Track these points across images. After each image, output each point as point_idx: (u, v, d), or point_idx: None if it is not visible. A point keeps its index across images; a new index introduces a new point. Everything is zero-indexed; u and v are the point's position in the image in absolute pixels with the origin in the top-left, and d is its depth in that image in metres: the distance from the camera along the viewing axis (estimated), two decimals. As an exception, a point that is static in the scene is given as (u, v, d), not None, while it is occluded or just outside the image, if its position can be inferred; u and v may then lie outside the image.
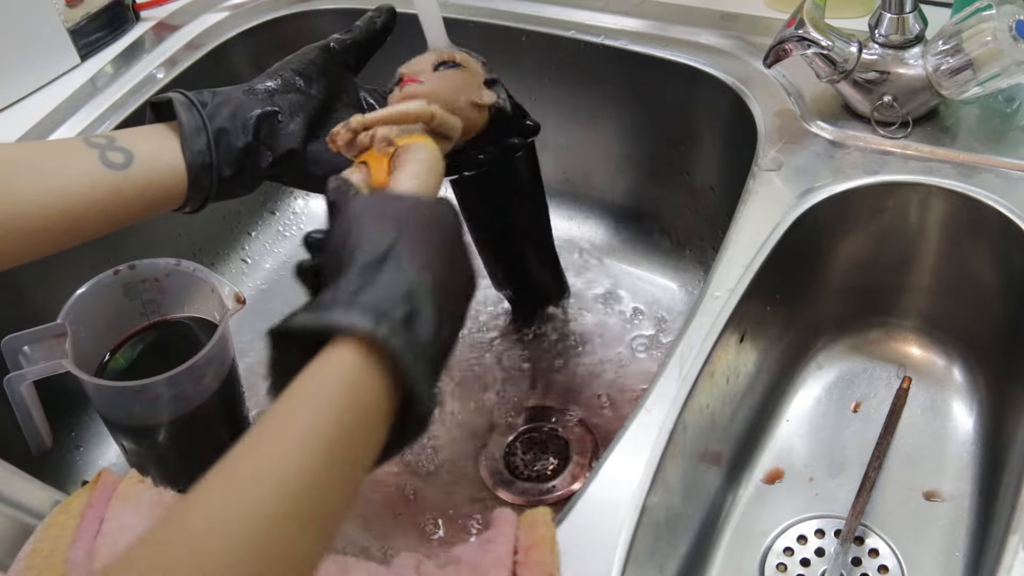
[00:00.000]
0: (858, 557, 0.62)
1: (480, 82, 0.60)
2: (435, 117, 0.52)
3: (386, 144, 0.49)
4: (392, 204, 0.44)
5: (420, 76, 0.58)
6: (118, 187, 0.49)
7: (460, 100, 0.57)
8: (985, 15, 0.63)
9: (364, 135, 0.50)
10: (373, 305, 0.37)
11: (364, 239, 0.41)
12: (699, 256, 0.88)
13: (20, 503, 0.53)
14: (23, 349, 0.66)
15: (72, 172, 0.48)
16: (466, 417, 0.79)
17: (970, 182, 0.65)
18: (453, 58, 0.59)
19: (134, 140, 0.51)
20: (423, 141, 0.51)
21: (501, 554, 0.46)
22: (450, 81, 0.58)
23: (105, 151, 0.50)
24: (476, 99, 0.58)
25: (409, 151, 0.49)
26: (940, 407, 0.70)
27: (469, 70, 0.59)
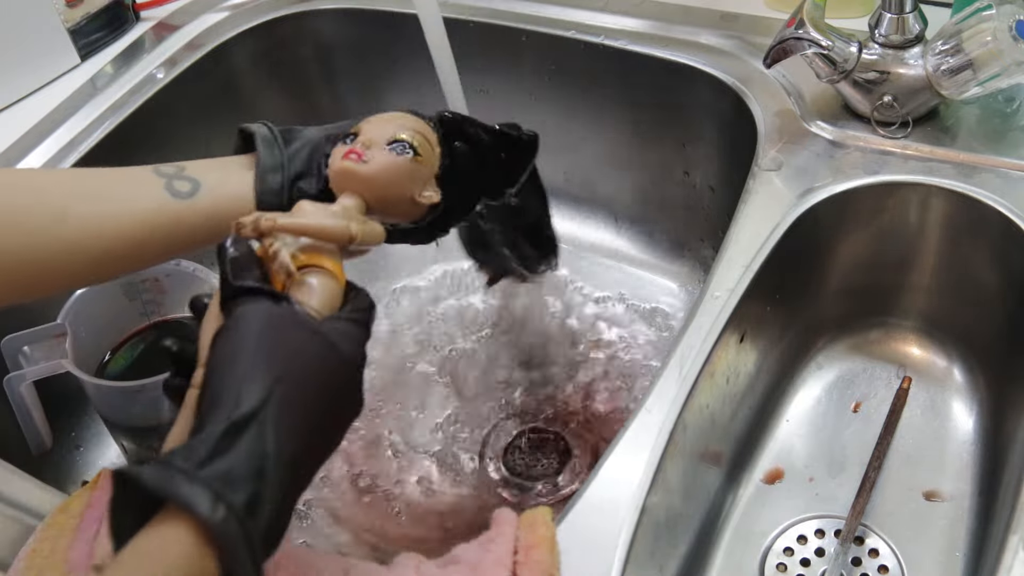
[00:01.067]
0: (858, 557, 0.62)
1: (431, 175, 0.53)
2: (354, 240, 0.46)
3: (284, 271, 0.43)
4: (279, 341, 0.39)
5: (368, 150, 0.50)
6: (182, 216, 0.49)
7: (397, 193, 0.51)
8: (985, 15, 0.63)
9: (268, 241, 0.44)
10: (220, 478, 0.35)
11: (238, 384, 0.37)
12: (699, 256, 0.88)
13: (20, 503, 0.53)
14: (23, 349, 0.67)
15: (138, 200, 0.48)
16: (466, 417, 0.79)
17: (970, 182, 0.65)
18: (411, 141, 0.51)
19: (203, 170, 0.51)
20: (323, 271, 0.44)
21: (501, 554, 0.46)
22: (395, 169, 0.50)
23: (172, 180, 0.49)
24: (417, 197, 0.52)
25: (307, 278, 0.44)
26: (940, 407, 0.70)
27: (423, 160, 0.52)
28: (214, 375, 0.39)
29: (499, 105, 0.91)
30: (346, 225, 0.46)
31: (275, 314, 0.41)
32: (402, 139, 0.51)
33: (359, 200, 0.50)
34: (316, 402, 0.40)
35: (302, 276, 0.44)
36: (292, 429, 0.38)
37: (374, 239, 0.49)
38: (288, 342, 0.40)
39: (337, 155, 0.51)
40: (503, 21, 0.87)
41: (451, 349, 0.84)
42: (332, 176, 0.51)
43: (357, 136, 0.51)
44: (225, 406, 0.37)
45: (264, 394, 0.37)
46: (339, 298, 0.44)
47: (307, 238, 0.45)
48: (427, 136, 0.53)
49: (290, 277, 0.43)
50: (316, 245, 0.45)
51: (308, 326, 0.41)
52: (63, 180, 0.50)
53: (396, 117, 0.53)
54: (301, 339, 0.40)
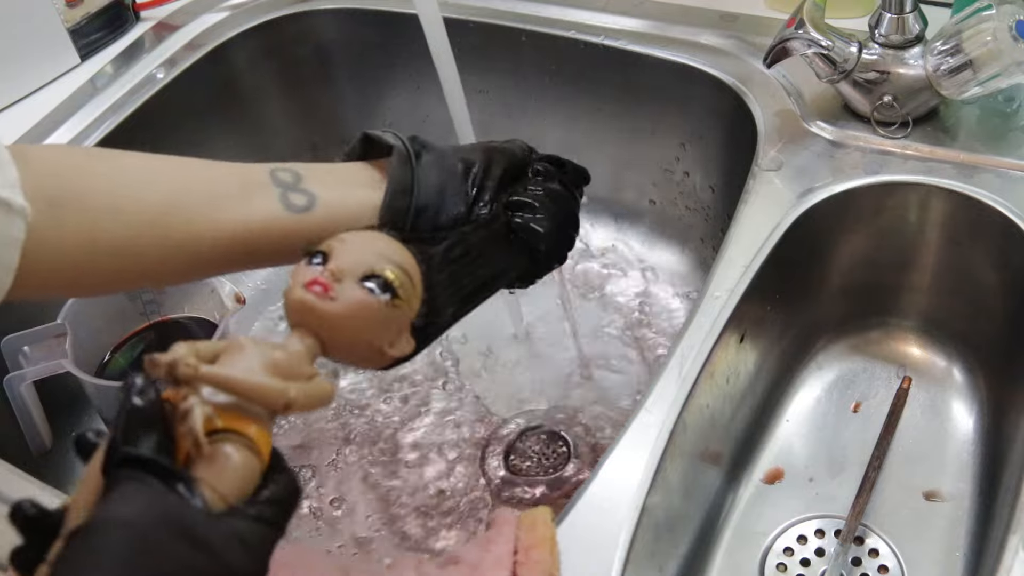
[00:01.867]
0: (858, 557, 0.62)
1: (406, 323, 0.43)
2: (291, 408, 0.37)
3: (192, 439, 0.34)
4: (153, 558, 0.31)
5: (337, 283, 0.40)
6: (294, 230, 0.46)
7: (363, 342, 0.41)
8: (985, 15, 0.63)
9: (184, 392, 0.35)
10: None
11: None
12: (699, 256, 0.88)
13: (20, 503, 0.52)
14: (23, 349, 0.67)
15: (251, 206, 0.45)
16: (465, 417, 0.79)
17: (970, 182, 0.65)
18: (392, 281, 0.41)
19: (322, 184, 0.47)
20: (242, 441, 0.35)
21: (501, 554, 0.46)
22: (365, 315, 0.40)
23: (288, 192, 0.46)
24: (386, 348, 0.42)
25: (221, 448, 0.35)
26: (940, 407, 0.70)
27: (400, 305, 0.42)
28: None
29: (499, 105, 0.91)
30: (283, 389, 0.36)
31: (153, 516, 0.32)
32: (381, 275, 0.41)
33: (313, 342, 0.40)
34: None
35: (214, 446, 0.34)
36: None
37: (317, 403, 0.39)
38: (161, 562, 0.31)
39: (298, 279, 0.41)
40: (503, 21, 0.87)
41: (451, 348, 0.84)
42: (287, 305, 0.41)
43: (326, 258, 0.41)
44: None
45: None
46: (255, 479, 0.35)
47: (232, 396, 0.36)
48: (410, 272, 0.43)
49: (197, 446, 0.34)
50: (242, 405, 0.36)
51: (192, 534, 0.32)
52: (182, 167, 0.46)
53: (376, 241, 0.43)
54: (178, 557, 0.31)
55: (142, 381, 0.35)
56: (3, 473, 0.54)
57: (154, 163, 0.45)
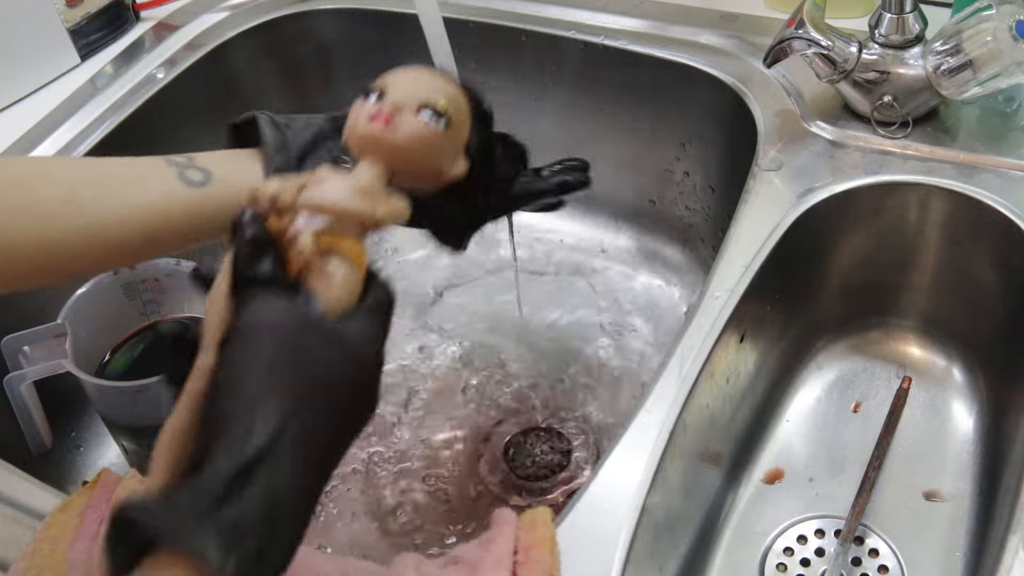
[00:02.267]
0: (858, 557, 0.62)
1: (460, 146, 0.49)
2: (380, 224, 0.42)
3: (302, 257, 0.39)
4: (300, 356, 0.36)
5: (397, 115, 0.45)
6: (196, 204, 0.49)
7: (424, 166, 0.47)
8: (985, 15, 0.63)
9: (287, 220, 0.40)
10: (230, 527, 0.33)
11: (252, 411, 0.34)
12: (699, 256, 0.88)
13: (20, 503, 0.52)
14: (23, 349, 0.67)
15: (151, 188, 0.48)
16: (465, 417, 0.79)
17: (970, 182, 0.65)
18: (446, 110, 0.46)
19: (213, 160, 0.51)
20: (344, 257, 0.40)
21: (501, 554, 0.46)
22: (425, 140, 0.46)
23: (184, 169, 0.49)
24: (444, 169, 0.48)
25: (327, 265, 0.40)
26: (940, 407, 0.70)
27: (454, 130, 0.47)
28: (223, 391, 0.36)
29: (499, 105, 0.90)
30: (373, 208, 0.42)
31: (292, 321, 0.37)
32: (434, 105, 0.46)
33: (382, 168, 0.45)
34: (333, 418, 0.37)
35: (322, 263, 0.40)
36: (309, 457, 0.35)
37: (397, 217, 0.44)
38: (304, 355, 0.36)
39: (360, 116, 0.46)
40: (503, 21, 0.87)
41: (450, 348, 0.84)
42: (353, 140, 0.46)
43: (383, 94, 0.46)
44: (235, 437, 0.34)
45: (281, 425, 0.34)
46: (358, 288, 0.41)
47: (328, 217, 0.41)
48: (459, 102, 0.48)
49: (307, 264, 0.39)
50: (338, 226, 0.41)
51: (327, 335, 0.38)
52: (73, 165, 0.50)
53: (427, 77, 0.48)
54: (318, 350, 0.37)
55: (251, 213, 0.39)
56: (3, 473, 0.54)
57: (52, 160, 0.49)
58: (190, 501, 0.33)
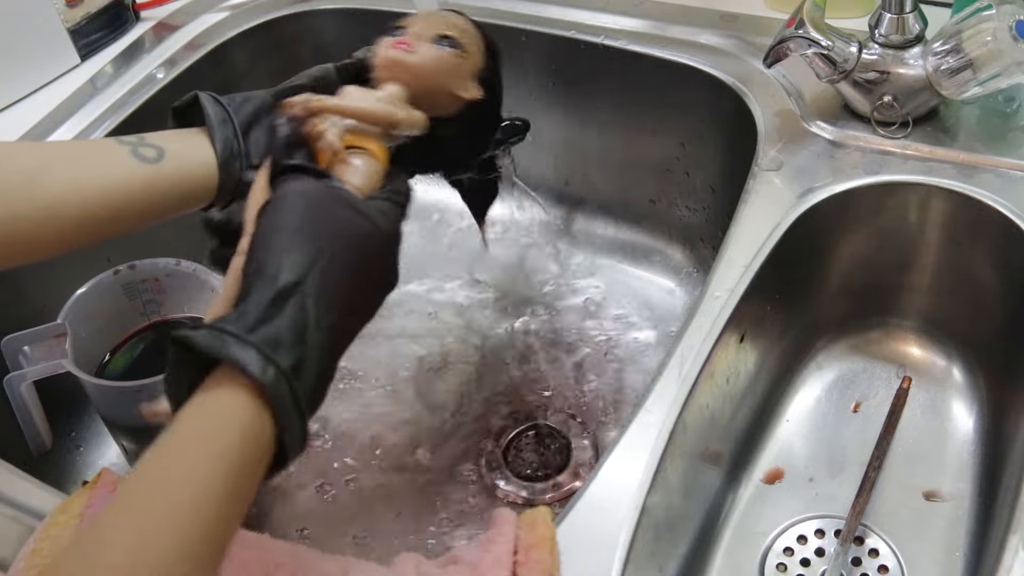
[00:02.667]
0: (858, 557, 0.62)
1: (473, 72, 0.56)
2: (398, 124, 0.50)
3: (331, 150, 0.47)
4: (321, 216, 0.43)
5: (417, 41, 0.53)
6: (152, 180, 0.50)
7: (441, 86, 0.54)
8: (985, 15, 0.63)
9: (316, 121, 0.48)
10: (269, 342, 0.38)
11: (282, 255, 0.41)
12: (699, 256, 0.88)
13: (20, 503, 0.52)
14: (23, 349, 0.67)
15: (107, 165, 0.50)
16: (465, 417, 0.79)
17: (970, 182, 0.65)
18: (459, 38, 0.55)
19: (163, 138, 0.53)
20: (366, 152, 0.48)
21: (501, 554, 0.46)
22: (442, 62, 0.54)
23: (136, 147, 0.51)
24: (459, 91, 0.55)
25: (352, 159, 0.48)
26: (940, 407, 0.70)
27: (467, 56, 0.55)
28: (260, 245, 0.42)
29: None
30: (390, 110, 0.49)
31: (319, 190, 0.44)
32: (449, 35, 0.54)
33: (403, 89, 0.52)
34: (355, 274, 0.43)
35: (346, 156, 0.47)
36: (332, 299, 0.41)
37: (416, 124, 0.51)
38: (330, 217, 0.43)
39: (385, 45, 0.53)
40: (503, 21, 0.87)
41: (449, 348, 0.84)
42: (379, 64, 0.53)
43: (404, 29, 0.54)
44: (270, 275, 0.40)
45: (307, 265, 0.41)
46: (380, 178, 0.48)
47: (353, 120, 0.48)
48: (472, 34, 0.56)
49: (335, 156, 0.46)
50: (361, 127, 0.48)
51: (349, 203, 0.44)
52: (30, 147, 0.52)
53: (444, 14, 0.56)
54: (342, 215, 0.44)
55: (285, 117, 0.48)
56: (3, 473, 0.54)
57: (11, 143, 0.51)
58: (232, 326, 0.38)
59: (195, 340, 0.38)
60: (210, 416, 0.38)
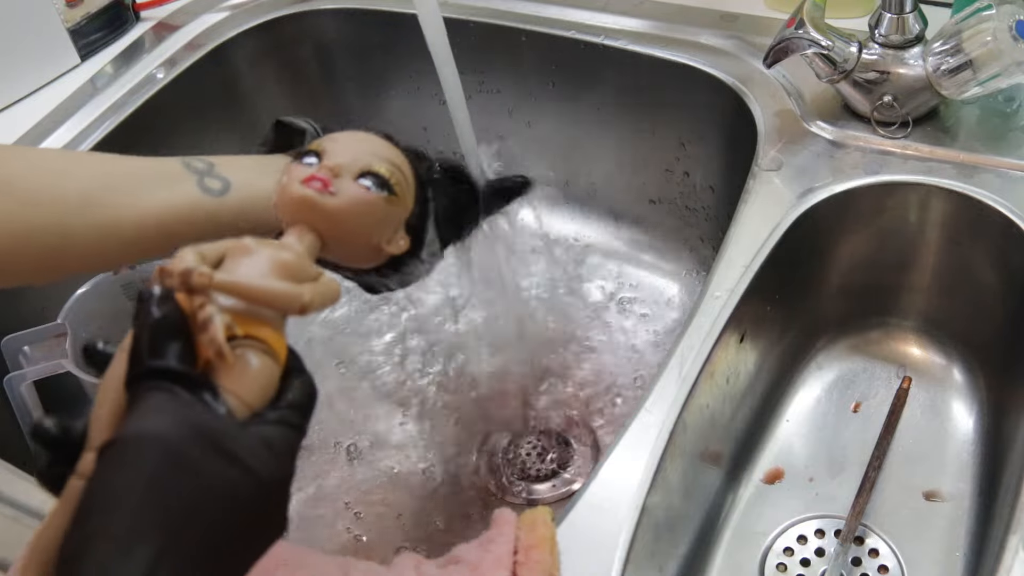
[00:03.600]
0: (858, 557, 0.62)
1: (402, 220, 0.45)
2: (307, 310, 0.37)
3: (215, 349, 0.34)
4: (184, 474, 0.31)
5: (337, 180, 0.42)
6: (214, 212, 0.48)
7: (362, 238, 0.43)
8: (985, 15, 0.63)
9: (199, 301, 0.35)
10: None
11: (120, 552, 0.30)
12: (699, 256, 0.88)
13: (20, 503, 0.53)
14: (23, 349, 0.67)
15: (169, 192, 0.48)
16: (465, 417, 0.79)
17: (970, 182, 0.65)
18: (388, 178, 0.43)
19: (236, 167, 0.50)
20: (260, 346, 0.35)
21: (501, 554, 0.46)
22: (365, 209, 0.42)
23: (204, 177, 0.49)
24: (382, 244, 0.44)
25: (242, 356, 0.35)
26: (940, 407, 0.70)
27: (397, 201, 0.44)
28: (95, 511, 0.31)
29: (499, 105, 0.91)
30: (299, 293, 0.37)
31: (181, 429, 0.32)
32: (377, 172, 0.43)
33: (314, 238, 0.41)
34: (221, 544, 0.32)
35: (234, 353, 0.34)
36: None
37: (327, 303, 0.39)
38: (190, 480, 0.31)
39: (294, 175, 0.42)
40: (503, 21, 0.87)
41: (449, 347, 0.84)
42: (284, 204, 0.42)
43: (320, 158, 0.42)
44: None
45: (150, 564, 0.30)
46: (275, 384, 0.36)
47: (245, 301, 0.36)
48: (404, 171, 0.45)
49: (219, 356, 0.34)
50: (256, 310, 0.36)
51: (220, 444, 0.32)
52: (91, 162, 0.49)
53: (368, 140, 0.44)
54: (210, 471, 0.32)
55: (160, 290, 0.35)
56: (3, 473, 0.54)
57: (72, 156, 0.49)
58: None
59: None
60: None
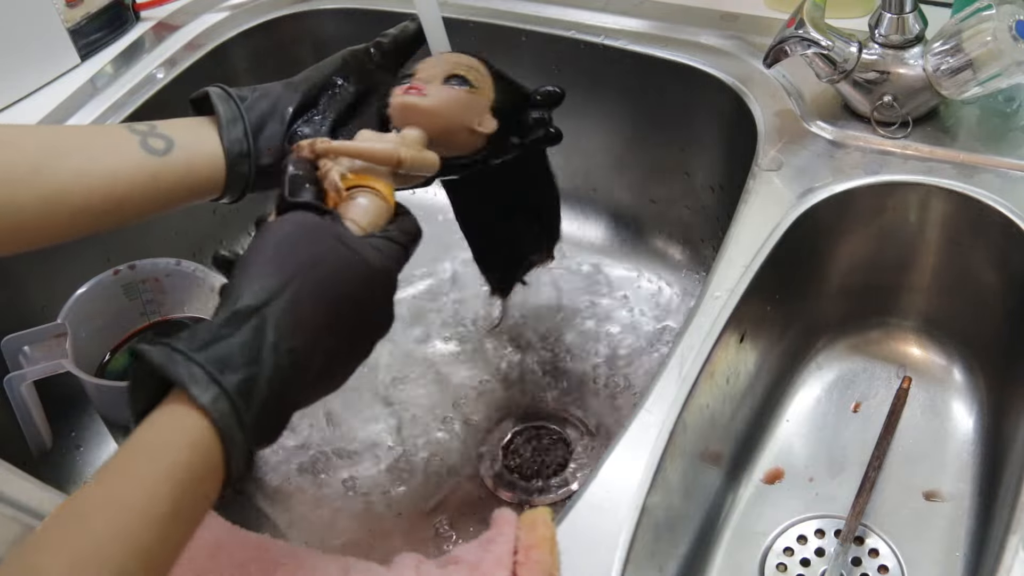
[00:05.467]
0: (858, 557, 0.62)
1: (487, 106, 0.57)
2: (402, 163, 0.50)
3: (334, 188, 0.47)
4: (303, 245, 0.43)
5: (428, 85, 0.54)
6: (158, 172, 0.50)
7: (457, 124, 0.55)
8: (985, 15, 0.63)
9: (324, 162, 0.48)
10: (217, 361, 0.38)
11: (249, 280, 0.41)
12: (699, 256, 0.88)
13: (20, 503, 0.52)
14: (23, 349, 0.67)
15: (114, 155, 0.50)
16: (466, 417, 0.79)
17: (970, 182, 0.65)
18: (467, 76, 0.56)
19: (174, 128, 0.53)
20: (372, 191, 0.48)
21: (501, 554, 0.46)
22: (454, 101, 0.55)
23: (146, 137, 0.51)
24: (475, 126, 0.56)
25: (356, 197, 0.48)
26: (940, 407, 0.70)
27: (479, 92, 0.56)
28: (238, 268, 0.42)
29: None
30: (394, 149, 0.49)
31: (310, 222, 0.44)
32: (458, 74, 0.55)
33: (420, 132, 0.52)
34: (334, 306, 0.42)
35: (352, 194, 0.47)
36: (298, 327, 0.40)
37: (425, 164, 0.51)
38: (313, 247, 0.42)
39: (397, 92, 0.54)
40: (503, 21, 0.87)
41: (449, 347, 0.84)
42: (393, 111, 0.54)
43: (414, 75, 0.55)
44: (234, 297, 0.40)
45: (272, 290, 0.40)
46: (385, 217, 0.48)
47: (359, 160, 0.48)
48: (480, 70, 0.57)
49: (338, 194, 0.47)
50: (368, 167, 0.48)
51: (339, 236, 0.44)
52: (37, 133, 0.52)
53: (450, 56, 0.57)
54: (328, 246, 0.43)
55: (293, 158, 0.48)
56: (3, 473, 0.54)
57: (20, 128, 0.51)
58: (183, 343, 0.38)
59: (149, 356, 0.38)
60: (159, 433, 0.38)
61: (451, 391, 0.81)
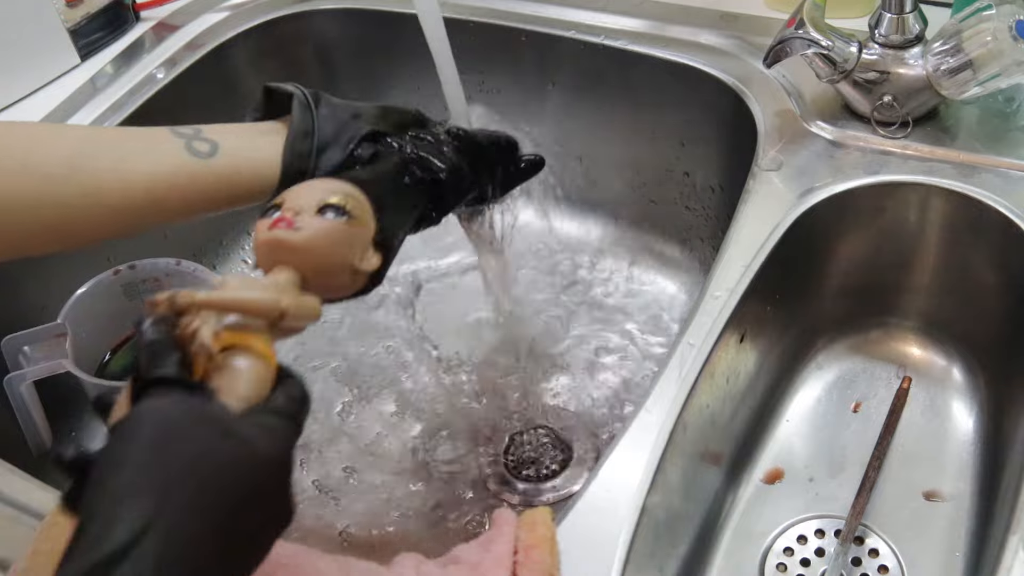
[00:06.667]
0: (858, 557, 0.62)
1: (368, 239, 0.48)
2: (286, 315, 0.41)
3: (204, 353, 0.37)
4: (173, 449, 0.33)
5: (298, 217, 0.45)
6: (200, 175, 0.49)
7: (337, 262, 0.46)
8: (985, 15, 0.63)
9: (188, 320, 0.38)
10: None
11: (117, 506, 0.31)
12: (699, 256, 0.88)
13: (20, 503, 0.53)
14: (23, 349, 0.67)
15: (155, 155, 0.49)
16: (466, 417, 0.79)
17: (970, 182, 0.65)
18: (344, 205, 0.46)
19: (223, 134, 0.51)
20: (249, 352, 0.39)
21: (501, 554, 0.46)
22: (330, 237, 0.45)
23: (191, 140, 0.50)
24: (357, 264, 0.47)
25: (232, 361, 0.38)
26: (940, 407, 0.70)
27: (358, 222, 0.47)
28: (95, 488, 0.32)
29: (499, 105, 0.90)
30: (276, 299, 0.40)
31: (178, 410, 0.34)
32: (333, 203, 0.46)
33: (293, 274, 0.44)
34: (221, 517, 0.33)
35: (225, 359, 0.38)
36: (186, 556, 0.31)
37: (309, 314, 0.43)
38: (187, 447, 0.33)
39: (262, 227, 0.45)
40: (503, 21, 0.87)
41: (448, 347, 0.84)
42: (259, 250, 0.45)
43: (280, 206, 0.46)
44: (94, 536, 0.30)
45: (147, 518, 0.30)
46: (268, 384, 0.39)
47: (232, 315, 0.39)
48: (358, 198, 0.48)
49: (210, 361, 0.37)
50: (243, 323, 0.40)
51: (217, 424, 0.34)
52: (74, 132, 0.51)
53: (320, 182, 0.49)
54: (205, 443, 0.33)
55: (150, 319, 0.38)
56: (3, 473, 0.54)
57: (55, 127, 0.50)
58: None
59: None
60: None
61: (451, 391, 0.81)
